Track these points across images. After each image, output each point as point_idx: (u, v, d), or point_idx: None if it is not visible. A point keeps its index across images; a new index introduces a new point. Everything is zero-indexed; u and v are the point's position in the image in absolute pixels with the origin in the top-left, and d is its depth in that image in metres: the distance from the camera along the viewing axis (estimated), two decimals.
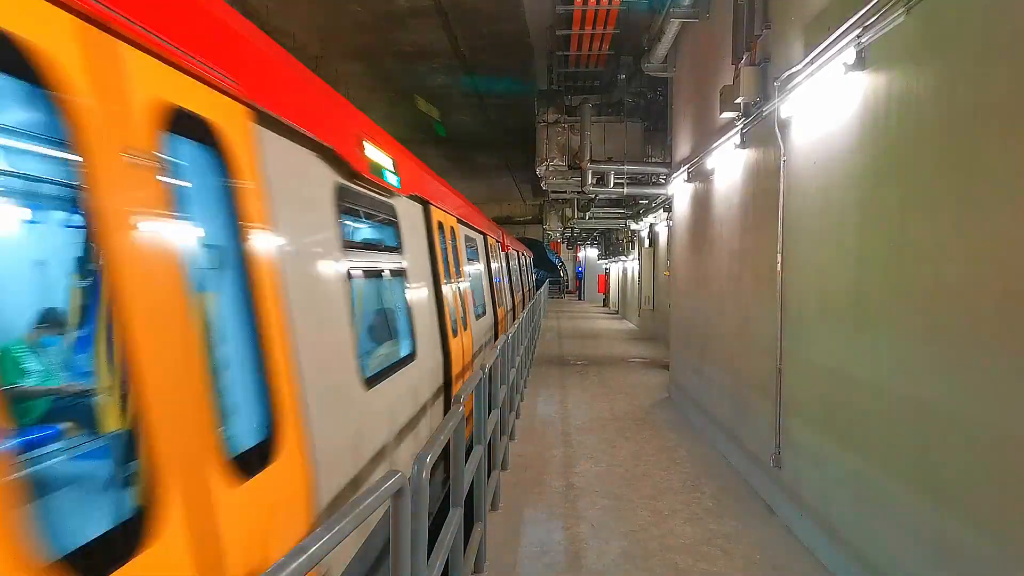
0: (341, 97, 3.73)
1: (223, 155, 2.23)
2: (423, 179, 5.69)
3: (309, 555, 1.60)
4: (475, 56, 14.80)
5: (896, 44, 3.65)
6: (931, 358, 3.29)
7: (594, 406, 9.50)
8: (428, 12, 12.41)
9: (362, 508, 1.94)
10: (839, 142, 4.33)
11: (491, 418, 5.19)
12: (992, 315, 2.85)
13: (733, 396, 6.78)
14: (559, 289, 43.26)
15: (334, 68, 14.85)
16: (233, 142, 2.28)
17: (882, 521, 3.73)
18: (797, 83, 4.82)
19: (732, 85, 6.20)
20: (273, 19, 12.11)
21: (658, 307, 17.13)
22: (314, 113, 3.16)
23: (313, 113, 3.14)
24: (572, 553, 4.66)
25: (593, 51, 11.81)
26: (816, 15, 4.69)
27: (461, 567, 3.59)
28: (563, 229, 29.54)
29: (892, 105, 3.68)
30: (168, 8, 1.97)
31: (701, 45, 8.36)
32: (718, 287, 7.46)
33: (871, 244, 3.91)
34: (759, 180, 6.02)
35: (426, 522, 2.56)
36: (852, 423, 4.12)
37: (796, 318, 5.05)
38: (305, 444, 2.53)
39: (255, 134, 2.47)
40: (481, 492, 4.39)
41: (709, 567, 4.46)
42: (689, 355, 8.92)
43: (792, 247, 5.13)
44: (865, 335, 3.97)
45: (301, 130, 2.87)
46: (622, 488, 6.00)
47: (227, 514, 1.94)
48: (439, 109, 19.17)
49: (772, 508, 5.46)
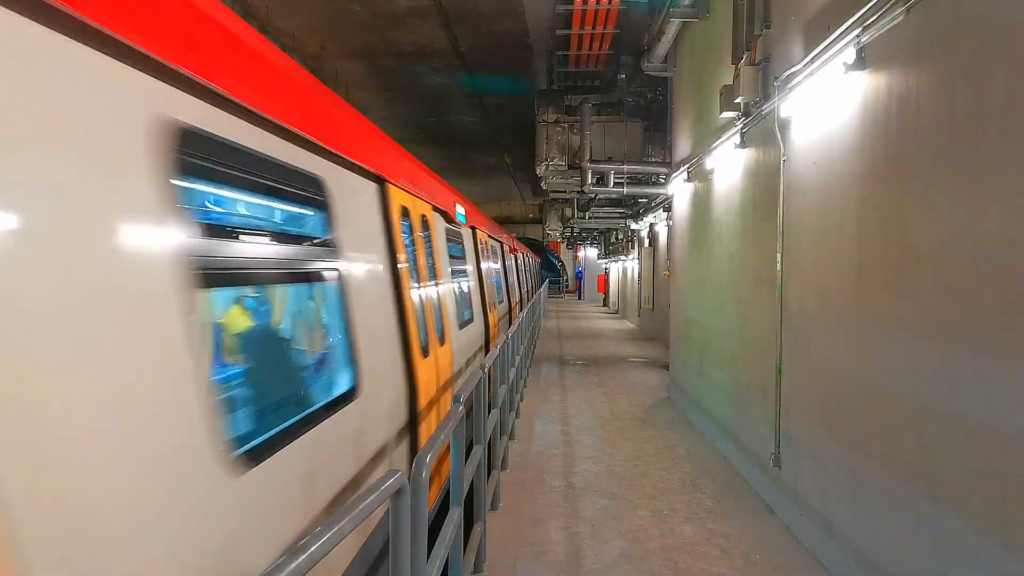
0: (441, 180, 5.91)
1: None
2: (476, 214, 7.87)
3: (309, 555, 1.60)
4: (475, 56, 14.79)
5: (896, 43, 3.64)
6: (931, 358, 3.29)
7: (594, 406, 9.50)
8: (428, 11, 12.40)
9: (362, 508, 1.94)
10: (839, 142, 4.33)
11: (491, 417, 5.19)
12: (992, 315, 2.85)
13: (733, 396, 6.78)
14: (559, 289, 43.29)
15: (333, 68, 14.84)
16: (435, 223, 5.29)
17: (882, 521, 3.73)
18: (797, 83, 4.82)
19: (732, 85, 6.20)
20: (273, 18, 12.11)
21: (658, 307, 17.13)
22: (444, 197, 5.83)
23: (443, 197, 6.05)
24: (572, 553, 4.66)
25: (593, 51, 11.80)
26: (816, 14, 4.69)
27: (461, 567, 3.59)
28: (563, 229, 29.54)
29: (892, 104, 3.68)
30: (414, 172, 3.96)
31: (701, 45, 8.36)
32: (718, 287, 7.46)
33: (871, 244, 3.91)
34: (759, 180, 6.02)
35: (426, 522, 2.56)
36: (852, 423, 4.12)
37: (796, 318, 5.05)
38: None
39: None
40: (481, 492, 4.39)
41: (709, 567, 4.46)
42: (689, 355, 8.92)
43: (792, 247, 5.13)
44: (865, 335, 3.96)
45: (443, 210, 5.73)
46: (622, 488, 5.99)
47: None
48: (438, 109, 19.16)
49: (772, 508, 5.46)
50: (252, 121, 2.29)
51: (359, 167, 3.62)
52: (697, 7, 7.98)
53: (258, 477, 2.04)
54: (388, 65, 15.40)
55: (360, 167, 3.63)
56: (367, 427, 3.22)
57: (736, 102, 6.09)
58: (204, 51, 1.96)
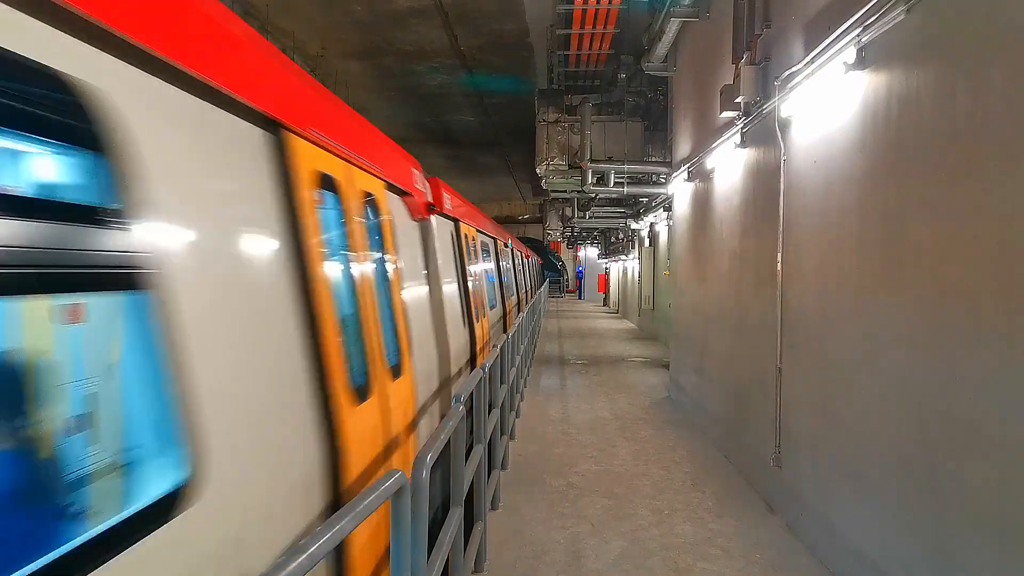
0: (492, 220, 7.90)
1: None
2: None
3: (309, 554, 1.60)
4: (475, 55, 14.80)
5: (896, 43, 3.64)
6: (931, 358, 3.29)
7: (594, 405, 9.50)
8: (428, 11, 12.41)
9: (362, 507, 1.94)
10: (839, 141, 4.33)
11: (491, 417, 5.19)
12: (992, 315, 2.85)
13: (733, 395, 6.78)
14: (559, 288, 43.29)
15: (334, 67, 14.84)
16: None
17: (883, 520, 3.73)
18: (797, 82, 4.82)
19: (732, 84, 6.19)
20: (273, 18, 12.10)
21: (658, 306, 17.13)
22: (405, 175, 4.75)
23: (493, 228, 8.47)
24: (572, 552, 4.66)
25: (593, 50, 11.80)
26: (816, 14, 4.69)
27: (461, 566, 3.59)
28: (563, 228, 29.53)
29: (892, 104, 3.68)
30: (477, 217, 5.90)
31: (701, 44, 8.36)
32: (718, 286, 7.46)
33: (872, 243, 3.91)
34: (759, 179, 6.02)
35: (426, 521, 2.55)
36: (853, 422, 4.12)
37: (796, 317, 5.05)
38: None
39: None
40: (481, 491, 4.39)
41: (709, 566, 4.46)
42: (689, 354, 8.92)
43: (792, 246, 5.13)
44: (865, 334, 3.96)
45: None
46: (622, 487, 5.99)
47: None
48: (438, 108, 19.17)
49: (772, 507, 5.46)
50: (505, 246, 5.14)
51: (508, 243, 3.89)
52: (697, 7, 7.97)
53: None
54: (388, 65, 15.41)
55: (508, 243, 3.93)
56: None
57: (736, 102, 6.09)
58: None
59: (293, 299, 2.50)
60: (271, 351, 2.31)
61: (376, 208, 3.84)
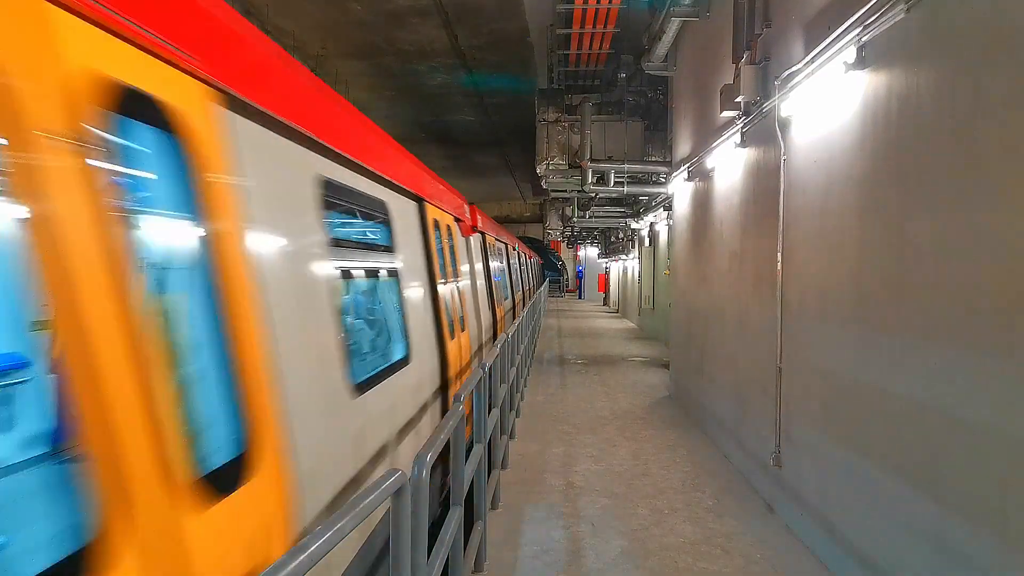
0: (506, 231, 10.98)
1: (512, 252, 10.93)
2: (517, 240, 11.75)
3: (309, 554, 1.60)
4: (475, 55, 14.79)
5: (897, 43, 3.64)
6: (931, 358, 3.29)
7: (594, 405, 9.50)
8: (428, 11, 12.40)
9: (362, 507, 1.94)
10: (839, 141, 4.33)
11: (491, 417, 5.19)
12: (992, 315, 2.85)
13: (733, 395, 6.78)
14: (559, 288, 43.30)
15: (334, 67, 14.84)
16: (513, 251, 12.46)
17: (883, 520, 3.73)
18: (797, 82, 4.82)
19: (732, 84, 6.19)
20: (274, 17, 12.10)
21: (658, 306, 17.13)
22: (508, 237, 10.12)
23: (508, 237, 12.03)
24: (572, 552, 4.66)
25: (593, 50, 11.79)
26: (816, 13, 4.69)
27: (461, 566, 3.60)
28: (563, 228, 29.53)
29: (892, 104, 3.68)
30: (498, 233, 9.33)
31: (701, 44, 8.35)
32: (718, 286, 7.46)
33: (871, 244, 3.91)
34: (759, 179, 6.02)
35: (426, 521, 2.56)
36: (853, 422, 4.12)
37: (796, 317, 5.05)
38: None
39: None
40: (481, 491, 4.39)
41: (709, 566, 4.46)
42: (689, 354, 8.92)
43: (792, 246, 5.13)
44: (865, 334, 3.96)
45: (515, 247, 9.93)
46: (622, 487, 6.00)
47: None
48: (439, 108, 19.16)
49: (772, 507, 5.46)
50: (515, 249, 9.03)
51: (515, 247, 4.97)
52: (697, 6, 7.97)
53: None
54: (389, 64, 15.40)
55: (516, 247, 4.93)
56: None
57: (736, 101, 6.09)
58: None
59: (430, 289, 5.33)
60: (430, 313, 5.26)
61: (451, 233, 6.47)
